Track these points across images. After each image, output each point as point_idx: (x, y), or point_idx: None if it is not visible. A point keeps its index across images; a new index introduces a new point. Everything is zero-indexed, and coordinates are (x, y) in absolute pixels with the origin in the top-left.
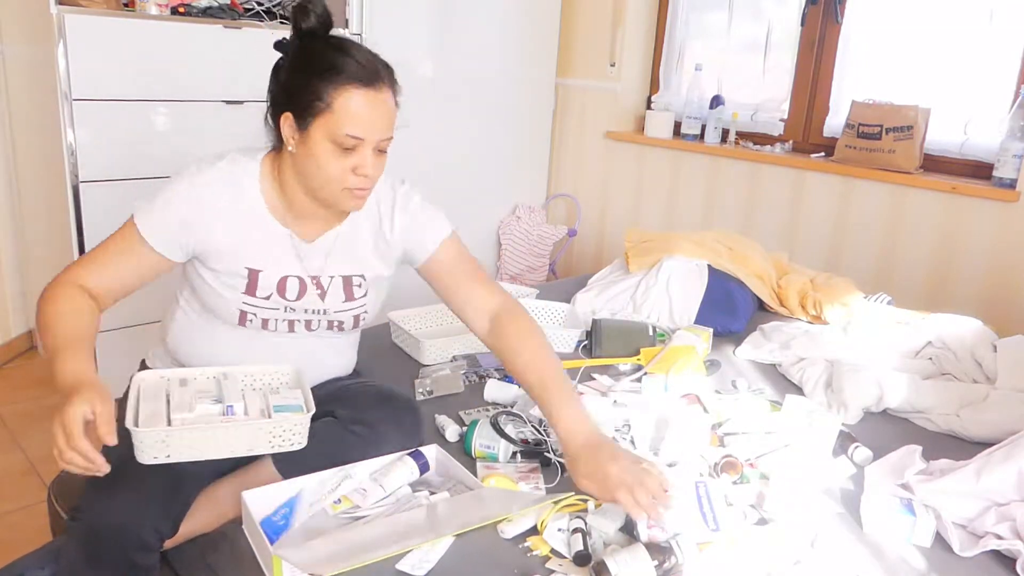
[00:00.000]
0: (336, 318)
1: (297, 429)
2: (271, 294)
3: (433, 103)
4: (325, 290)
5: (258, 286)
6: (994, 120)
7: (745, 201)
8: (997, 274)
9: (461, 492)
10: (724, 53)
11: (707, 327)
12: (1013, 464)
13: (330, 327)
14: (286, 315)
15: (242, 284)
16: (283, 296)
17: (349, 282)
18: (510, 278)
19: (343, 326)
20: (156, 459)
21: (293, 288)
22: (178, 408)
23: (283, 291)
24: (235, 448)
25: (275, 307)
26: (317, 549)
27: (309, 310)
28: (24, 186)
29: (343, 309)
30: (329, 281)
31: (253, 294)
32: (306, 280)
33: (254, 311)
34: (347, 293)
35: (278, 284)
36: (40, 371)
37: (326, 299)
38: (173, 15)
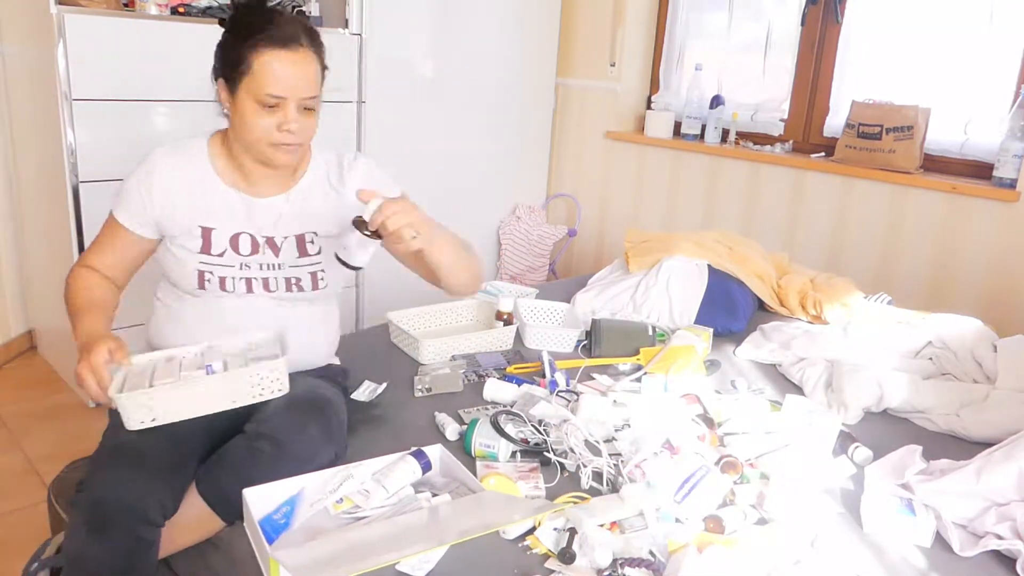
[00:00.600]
0: (292, 274)
1: (275, 376)
2: (225, 250)
3: (433, 103)
4: (279, 247)
5: (212, 243)
6: (994, 120)
7: (745, 201)
8: (997, 274)
9: (463, 494)
10: (724, 53)
11: (707, 327)
12: (1013, 464)
13: (288, 287)
14: (242, 272)
15: (197, 244)
16: (236, 251)
17: (302, 239)
18: (510, 278)
19: (301, 284)
20: (143, 423)
21: (246, 244)
22: (162, 377)
23: (236, 247)
24: (218, 402)
25: (230, 263)
26: (316, 553)
27: (264, 265)
28: (24, 186)
29: (297, 264)
30: (283, 241)
31: (208, 252)
32: (259, 239)
33: (210, 269)
34: (300, 250)
35: (231, 240)
36: (40, 371)
37: (279, 255)
38: (173, 15)
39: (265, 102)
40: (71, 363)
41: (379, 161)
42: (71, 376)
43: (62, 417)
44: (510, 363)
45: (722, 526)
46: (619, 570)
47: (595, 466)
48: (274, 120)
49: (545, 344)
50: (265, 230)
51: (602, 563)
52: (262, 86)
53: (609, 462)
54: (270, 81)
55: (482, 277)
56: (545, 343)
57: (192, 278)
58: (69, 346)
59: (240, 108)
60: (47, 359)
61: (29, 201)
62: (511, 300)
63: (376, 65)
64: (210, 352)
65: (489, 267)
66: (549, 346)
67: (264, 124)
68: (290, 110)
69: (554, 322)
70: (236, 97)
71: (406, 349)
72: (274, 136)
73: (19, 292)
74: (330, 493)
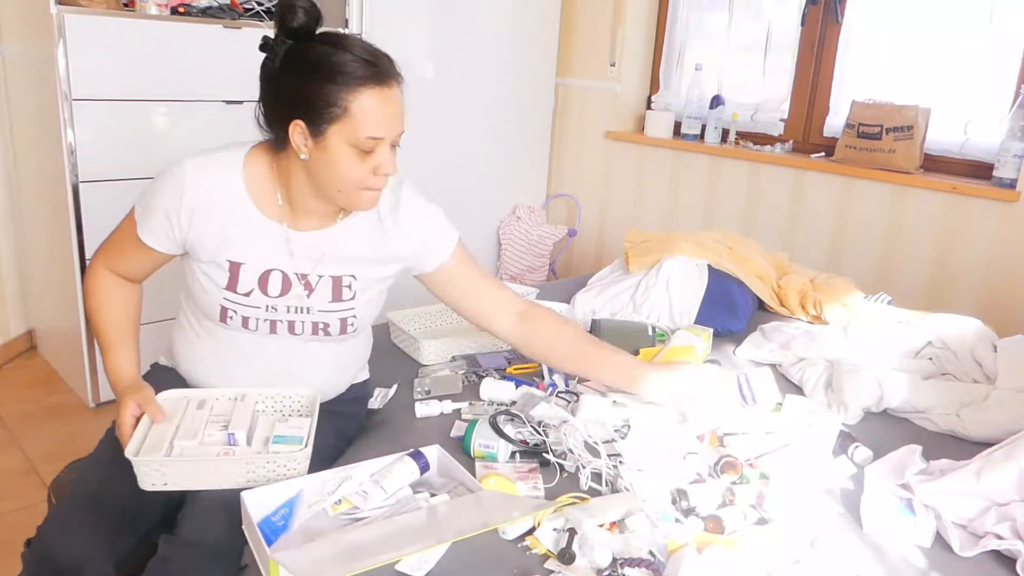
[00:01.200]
0: (320, 319)
1: (292, 465)
2: (252, 290)
3: (433, 103)
4: (313, 288)
5: (239, 281)
6: (994, 120)
7: (745, 201)
8: (997, 274)
9: (461, 494)
10: (724, 53)
11: (707, 327)
12: (1013, 464)
13: (315, 331)
14: (267, 314)
15: (223, 278)
16: (264, 292)
17: (339, 282)
18: (510, 278)
19: (328, 330)
20: (154, 486)
21: (276, 284)
22: (184, 434)
23: (264, 287)
24: (232, 479)
25: (256, 305)
26: (314, 553)
27: (292, 308)
28: (24, 186)
29: (328, 310)
30: (318, 280)
31: (234, 289)
32: (291, 276)
33: (234, 308)
34: (335, 294)
35: (260, 279)
36: (40, 371)
37: (311, 297)
38: (173, 15)
39: (363, 146)
40: (71, 363)
41: None
42: (71, 376)
43: (62, 417)
44: (510, 363)
45: (722, 526)
46: (619, 570)
47: (594, 467)
48: (370, 164)
49: None
50: (300, 266)
51: (602, 563)
52: (361, 130)
53: (608, 463)
54: (370, 124)
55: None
56: None
57: (214, 311)
58: (69, 346)
59: (331, 154)
60: (47, 359)
61: (29, 201)
62: None
63: None
64: (240, 406)
65: (489, 267)
66: None
67: (360, 170)
68: (385, 152)
69: None
70: (323, 142)
71: (406, 349)
72: (369, 180)
73: (19, 292)
74: (328, 494)
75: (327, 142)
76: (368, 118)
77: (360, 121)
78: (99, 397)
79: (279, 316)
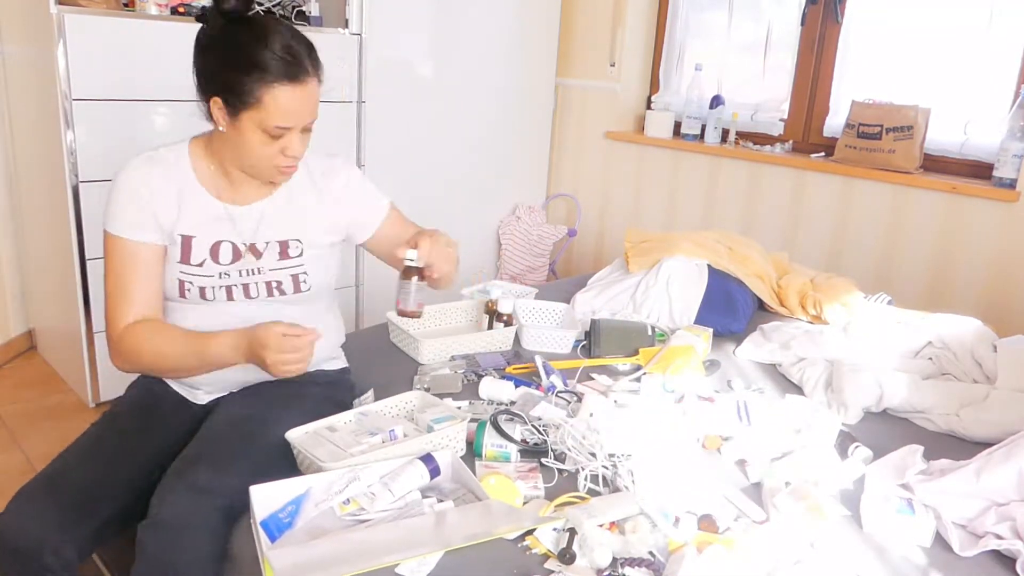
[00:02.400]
0: (272, 277)
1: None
2: (204, 259)
3: (433, 103)
4: (261, 253)
5: (192, 252)
6: (994, 120)
7: (745, 201)
8: (997, 274)
9: (468, 502)
10: (724, 53)
11: (707, 327)
12: (1013, 464)
13: (269, 291)
14: (221, 281)
15: (176, 253)
16: (216, 261)
17: (285, 245)
18: (510, 278)
19: (282, 287)
20: None
21: (227, 252)
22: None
23: (216, 256)
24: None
25: (209, 273)
26: (312, 554)
27: (244, 271)
28: (24, 186)
29: (278, 267)
30: (265, 246)
31: (187, 261)
32: (240, 246)
33: (190, 279)
34: (282, 254)
35: (211, 249)
36: (40, 371)
37: (260, 260)
38: (173, 15)
39: (273, 133)
40: (71, 363)
41: (379, 161)
42: (71, 376)
43: (62, 417)
44: (509, 364)
45: (715, 525)
46: (619, 570)
47: (592, 468)
48: (278, 146)
49: (542, 345)
50: (247, 236)
51: (602, 563)
52: (271, 119)
53: (607, 463)
54: (280, 115)
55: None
56: (542, 344)
57: (173, 287)
58: (69, 346)
59: (242, 134)
60: (47, 359)
61: (29, 201)
62: (510, 301)
63: (376, 65)
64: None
65: (489, 267)
66: (546, 347)
67: (268, 151)
68: (294, 136)
69: (552, 323)
70: (237, 122)
71: (406, 349)
72: (278, 159)
73: (19, 292)
74: (336, 494)
75: (240, 124)
76: (279, 111)
77: (271, 112)
78: (99, 397)
79: (232, 281)
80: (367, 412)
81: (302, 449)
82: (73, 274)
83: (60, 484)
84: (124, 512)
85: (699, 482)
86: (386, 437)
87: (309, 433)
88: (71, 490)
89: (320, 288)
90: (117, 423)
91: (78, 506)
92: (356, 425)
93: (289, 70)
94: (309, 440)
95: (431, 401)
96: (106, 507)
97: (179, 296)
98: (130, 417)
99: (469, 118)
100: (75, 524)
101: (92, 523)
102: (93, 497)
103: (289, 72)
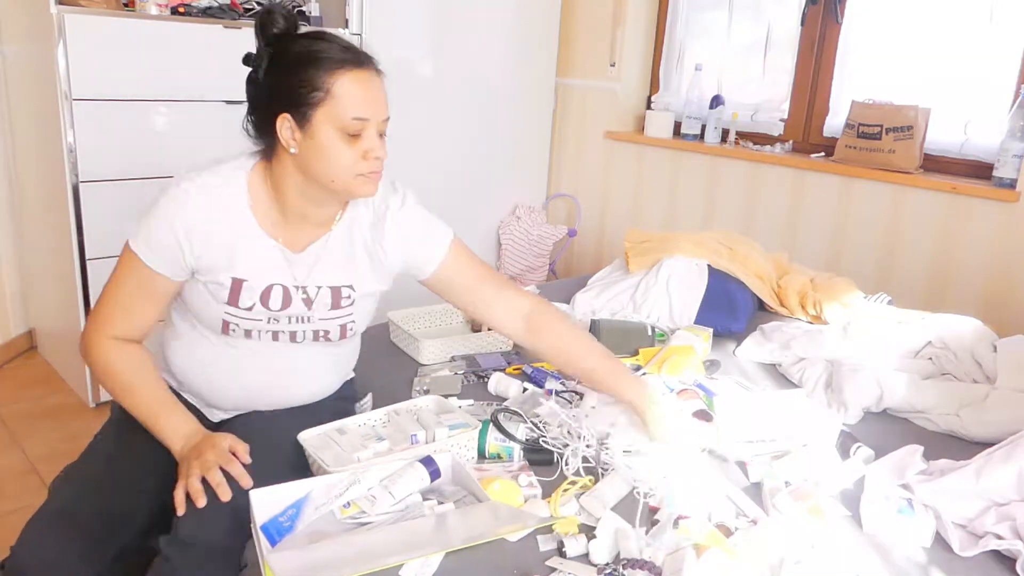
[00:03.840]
0: (321, 327)
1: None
2: (254, 304)
3: (433, 103)
4: (312, 299)
5: (240, 296)
6: (994, 120)
7: (745, 201)
8: (997, 274)
9: (468, 503)
10: (724, 53)
11: (707, 327)
12: (1013, 464)
13: (315, 338)
14: (269, 326)
15: (224, 294)
16: (266, 306)
17: (338, 293)
18: (510, 278)
19: (329, 336)
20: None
21: (277, 298)
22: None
23: (266, 301)
24: None
25: (258, 317)
26: (313, 557)
27: (293, 318)
28: (24, 186)
29: (328, 317)
30: (316, 291)
31: (236, 304)
32: (291, 289)
33: (236, 321)
34: (334, 302)
35: (262, 294)
36: (40, 371)
37: (312, 307)
38: (173, 15)
39: (349, 128)
40: (71, 363)
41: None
42: (71, 376)
43: (62, 417)
44: (510, 364)
45: (727, 529)
46: (619, 570)
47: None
48: (359, 148)
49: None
50: (299, 279)
51: (600, 560)
52: (346, 110)
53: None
54: (354, 103)
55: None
56: None
57: (216, 323)
58: (69, 346)
59: (318, 141)
60: (47, 359)
61: (29, 201)
62: None
63: None
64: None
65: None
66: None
67: (350, 154)
68: (373, 136)
69: None
70: (310, 130)
71: (406, 349)
72: (360, 166)
73: (19, 292)
74: (336, 497)
75: (314, 129)
76: (351, 98)
77: (343, 101)
78: (99, 397)
79: (280, 327)
80: (390, 418)
81: (311, 451)
82: (73, 274)
83: (76, 512)
84: (144, 532)
85: (702, 481)
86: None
87: (320, 435)
88: (89, 518)
89: (363, 329)
90: (128, 438)
91: (98, 533)
92: (366, 429)
93: (351, 56)
94: (318, 442)
95: (446, 406)
96: (127, 531)
97: (222, 332)
98: (140, 432)
99: (469, 118)
100: (95, 553)
101: (113, 548)
102: (112, 522)
103: (352, 58)
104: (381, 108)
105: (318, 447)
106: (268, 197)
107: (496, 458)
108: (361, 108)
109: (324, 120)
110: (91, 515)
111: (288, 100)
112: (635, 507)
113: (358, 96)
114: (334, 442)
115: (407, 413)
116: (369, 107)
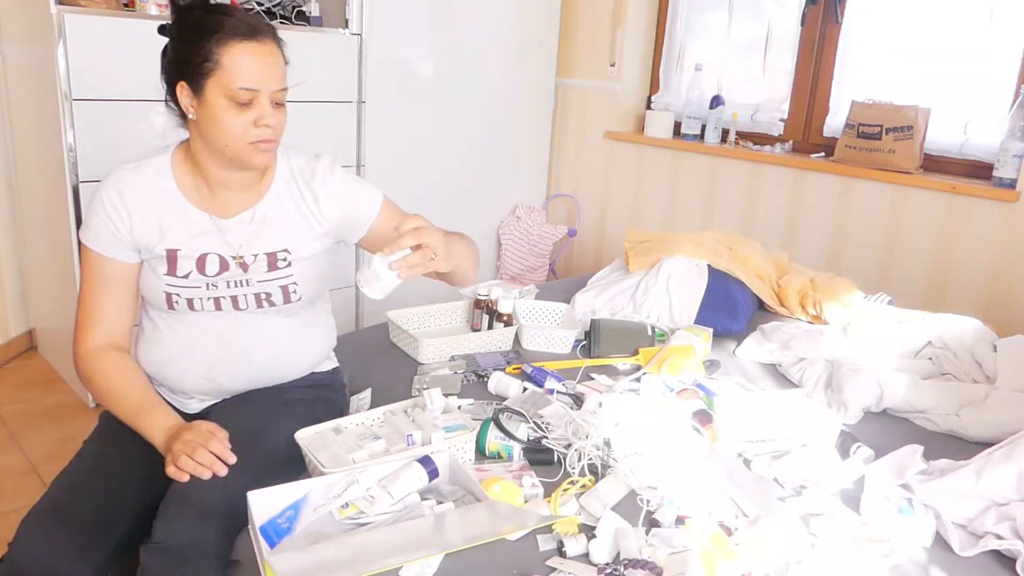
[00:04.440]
0: (262, 289)
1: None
2: (190, 271)
3: (433, 103)
4: (249, 265)
5: (177, 265)
6: (994, 120)
7: (745, 201)
8: (997, 274)
9: (467, 503)
10: (724, 53)
11: (707, 327)
12: (1013, 464)
13: (259, 303)
14: (209, 292)
15: (163, 266)
16: (203, 273)
17: (273, 257)
18: (510, 278)
19: (272, 299)
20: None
21: (213, 264)
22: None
23: (203, 268)
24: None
25: (196, 285)
26: (314, 558)
27: (232, 283)
28: (24, 186)
29: (267, 279)
30: (253, 259)
31: (173, 273)
32: (227, 258)
33: (177, 291)
34: (271, 265)
35: (197, 261)
36: (40, 371)
37: (248, 271)
38: None
39: (238, 97)
40: (71, 363)
41: (379, 161)
42: (71, 376)
43: (62, 417)
44: (509, 363)
45: (729, 530)
46: (619, 570)
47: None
48: (250, 116)
49: (542, 345)
50: (234, 248)
51: (600, 560)
52: (234, 80)
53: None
54: (242, 74)
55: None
56: (542, 344)
57: (160, 299)
58: (69, 346)
59: (210, 108)
60: (47, 359)
61: (29, 201)
62: (510, 301)
63: (376, 65)
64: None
65: (489, 267)
66: (546, 347)
67: (239, 122)
68: (264, 104)
69: (552, 323)
70: (203, 97)
71: (406, 348)
72: (251, 133)
73: (19, 292)
74: (335, 498)
75: (206, 97)
76: (239, 70)
77: (231, 72)
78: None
79: (220, 292)
80: (395, 411)
81: (308, 451)
82: (73, 274)
83: (70, 509)
84: (138, 529)
85: (703, 479)
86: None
87: (317, 433)
88: (82, 514)
89: (311, 296)
90: (115, 437)
91: (92, 530)
92: (361, 428)
93: (244, 28)
94: (315, 441)
95: (448, 404)
96: (120, 527)
97: (167, 307)
98: (127, 431)
99: (469, 118)
100: (91, 549)
101: (107, 545)
102: (105, 519)
103: (244, 30)
104: (272, 79)
105: (315, 447)
106: (192, 171)
107: (496, 457)
108: (249, 79)
109: (214, 88)
110: (84, 511)
111: (184, 69)
112: (635, 507)
113: (247, 67)
114: (331, 442)
115: (403, 413)
116: (258, 78)
